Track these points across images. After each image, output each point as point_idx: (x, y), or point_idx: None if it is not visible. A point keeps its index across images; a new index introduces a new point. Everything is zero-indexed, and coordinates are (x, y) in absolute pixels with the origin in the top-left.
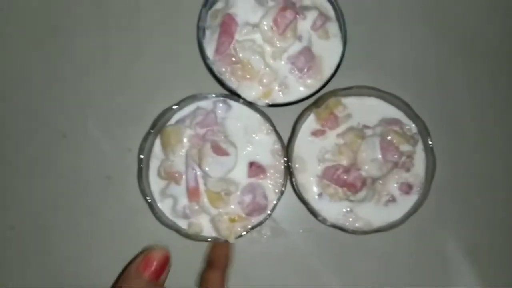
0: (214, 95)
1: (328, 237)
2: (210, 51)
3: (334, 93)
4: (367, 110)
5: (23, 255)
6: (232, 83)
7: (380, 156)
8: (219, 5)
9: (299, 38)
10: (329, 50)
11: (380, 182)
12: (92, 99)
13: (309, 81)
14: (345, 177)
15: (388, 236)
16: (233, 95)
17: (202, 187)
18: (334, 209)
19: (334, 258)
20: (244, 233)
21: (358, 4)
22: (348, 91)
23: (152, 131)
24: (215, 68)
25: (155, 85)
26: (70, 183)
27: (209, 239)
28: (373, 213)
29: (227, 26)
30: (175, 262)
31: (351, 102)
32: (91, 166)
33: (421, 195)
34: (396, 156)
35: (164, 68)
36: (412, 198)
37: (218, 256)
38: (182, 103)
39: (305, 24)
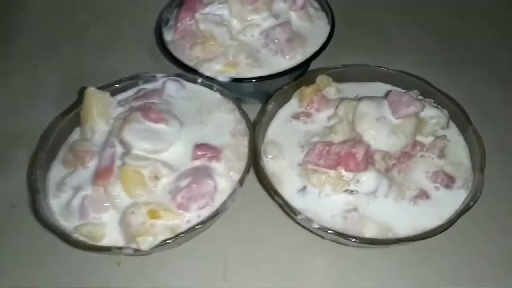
0: (163, 75)
1: (315, 253)
2: (168, 35)
3: (323, 70)
4: (369, 94)
5: None
6: (191, 59)
7: (389, 113)
8: None
9: (276, 17)
10: (312, 29)
11: (398, 169)
12: None
13: (287, 57)
14: (337, 149)
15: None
16: (191, 72)
17: (117, 170)
18: (326, 207)
19: None
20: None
21: None
22: (341, 70)
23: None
24: (171, 48)
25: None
26: None
27: (115, 249)
28: (392, 214)
29: (191, 2)
30: None
31: (347, 88)
32: None
33: (471, 189)
34: (412, 108)
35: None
36: (457, 194)
37: None
38: (121, 83)
39: (283, 4)
